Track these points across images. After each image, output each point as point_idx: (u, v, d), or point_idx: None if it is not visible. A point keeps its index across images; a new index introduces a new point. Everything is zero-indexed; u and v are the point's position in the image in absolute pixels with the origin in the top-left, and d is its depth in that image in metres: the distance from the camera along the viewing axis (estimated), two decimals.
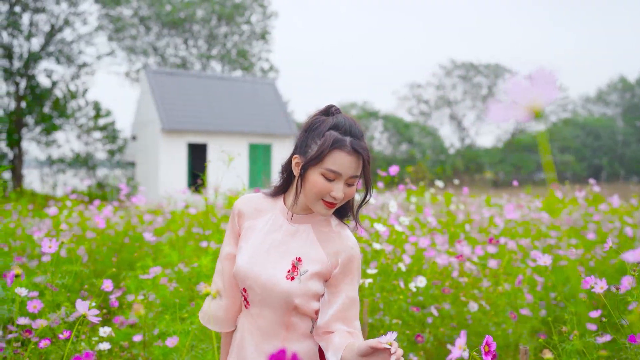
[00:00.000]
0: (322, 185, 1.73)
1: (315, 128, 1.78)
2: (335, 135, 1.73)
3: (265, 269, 1.80)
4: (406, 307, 3.63)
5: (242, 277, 1.83)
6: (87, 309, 1.56)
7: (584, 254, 4.63)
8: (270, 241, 1.85)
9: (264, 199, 1.96)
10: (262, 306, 1.82)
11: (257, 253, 1.83)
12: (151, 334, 3.10)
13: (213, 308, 1.94)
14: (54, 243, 2.52)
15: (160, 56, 36.21)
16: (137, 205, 6.15)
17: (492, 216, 6.08)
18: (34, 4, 25.75)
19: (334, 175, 1.73)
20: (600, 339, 2.55)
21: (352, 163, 1.73)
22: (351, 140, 1.73)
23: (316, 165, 1.74)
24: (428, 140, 48.93)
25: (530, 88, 0.82)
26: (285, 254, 1.82)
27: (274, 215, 1.90)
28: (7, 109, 26.20)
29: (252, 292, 1.82)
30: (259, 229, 1.88)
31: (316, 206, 1.79)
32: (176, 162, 22.84)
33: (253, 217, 1.92)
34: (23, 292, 2.65)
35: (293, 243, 1.84)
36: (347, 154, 1.72)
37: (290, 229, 1.86)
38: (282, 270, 1.79)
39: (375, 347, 1.58)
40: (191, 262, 3.64)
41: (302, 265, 1.80)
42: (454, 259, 3.96)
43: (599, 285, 2.22)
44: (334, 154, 1.72)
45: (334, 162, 1.72)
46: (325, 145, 1.72)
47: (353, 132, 1.75)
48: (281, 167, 1.93)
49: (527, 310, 3.70)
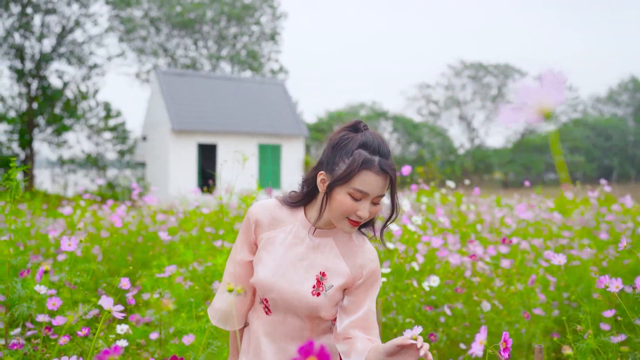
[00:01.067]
0: (349, 204, 1.71)
1: (344, 145, 1.74)
2: (365, 154, 1.70)
3: (290, 284, 1.80)
4: (419, 306, 3.65)
5: (265, 289, 1.82)
6: (111, 304, 1.59)
7: (597, 254, 4.63)
8: (294, 255, 1.83)
9: (281, 208, 1.90)
10: (285, 314, 1.83)
11: (281, 266, 1.82)
12: (167, 332, 3.13)
13: (224, 306, 1.95)
14: (73, 241, 2.56)
15: (170, 57, 36.35)
16: (149, 205, 6.19)
17: (503, 216, 6.08)
18: (46, 6, 25.92)
19: (361, 195, 1.70)
20: (615, 338, 2.56)
21: (379, 183, 1.71)
22: (380, 160, 1.70)
23: (344, 184, 1.71)
24: (437, 140, 48.85)
25: (540, 90, 0.84)
26: (309, 268, 1.82)
27: (295, 228, 1.87)
28: (19, 109, 26.39)
29: (275, 302, 1.83)
30: (280, 241, 1.86)
31: (341, 224, 1.77)
32: (186, 163, 22.92)
33: (271, 228, 1.88)
34: (42, 290, 2.68)
35: (316, 257, 1.84)
36: (376, 174, 1.70)
37: (313, 243, 1.85)
38: (308, 286, 1.80)
39: (402, 344, 1.60)
40: (205, 261, 3.67)
41: (326, 280, 1.81)
42: (467, 259, 3.97)
43: (614, 285, 2.23)
44: (362, 174, 1.69)
45: (362, 183, 1.69)
46: (354, 165, 1.69)
47: (381, 151, 1.72)
48: (303, 179, 1.89)
49: (540, 310, 3.71)
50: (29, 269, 3.49)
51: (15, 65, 26.08)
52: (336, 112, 46.26)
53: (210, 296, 3.41)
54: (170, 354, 2.81)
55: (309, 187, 1.86)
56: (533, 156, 48.88)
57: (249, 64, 36.89)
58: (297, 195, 1.89)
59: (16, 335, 3.00)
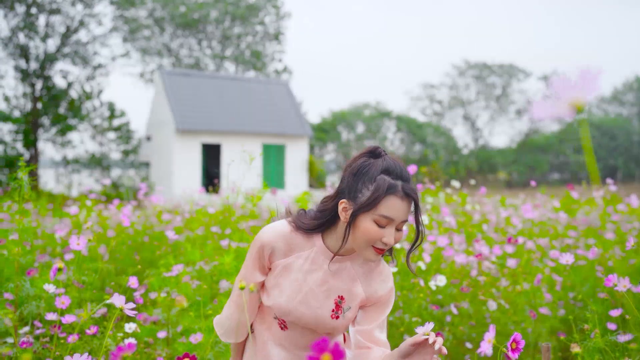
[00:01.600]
0: (374, 232, 1.69)
1: (365, 172, 1.71)
2: (388, 180, 1.68)
3: (310, 309, 1.81)
4: (425, 306, 3.66)
5: (283, 313, 1.82)
6: (123, 302, 1.60)
7: (603, 254, 4.63)
8: (312, 281, 1.82)
9: (295, 235, 1.85)
10: (303, 330, 1.86)
11: (299, 292, 1.81)
12: (175, 331, 3.15)
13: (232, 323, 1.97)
14: (81, 240, 2.57)
15: (174, 57, 36.42)
16: (155, 205, 6.21)
17: (508, 217, 6.08)
18: (50, 6, 26.00)
19: (387, 222, 1.68)
20: (622, 337, 2.56)
21: (404, 207, 1.70)
22: (403, 185, 1.69)
23: (369, 211, 1.69)
24: (441, 140, 48.83)
25: (574, 84, 0.86)
26: (328, 293, 1.82)
27: (312, 254, 1.84)
28: (24, 109, 26.47)
29: (293, 323, 1.85)
30: (298, 267, 1.84)
31: (366, 252, 1.74)
32: (190, 162, 22.97)
33: (287, 255, 1.85)
34: (51, 289, 2.70)
35: (335, 281, 1.83)
36: (401, 199, 1.68)
37: (332, 268, 1.83)
38: (327, 310, 1.81)
39: (416, 342, 1.62)
40: (212, 260, 3.69)
41: (345, 303, 1.83)
42: (473, 258, 3.98)
43: (622, 284, 2.23)
44: (387, 199, 1.67)
45: (387, 209, 1.67)
46: (379, 191, 1.66)
47: (404, 176, 1.71)
48: (322, 206, 1.84)
49: (546, 310, 3.71)
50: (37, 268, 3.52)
51: (19, 65, 26.16)
52: (340, 112, 46.29)
53: (218, 296, 3.42)
54: (178, 353, 2.82)
55: (328, 215, 1.81)
56: (537, 156, 48.83)
57: (253, 64, 36.95)
58: (315, 223, 1.84)
59: (25, 333, 3.01)
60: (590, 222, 5.99)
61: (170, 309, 3.17)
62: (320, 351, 0.94)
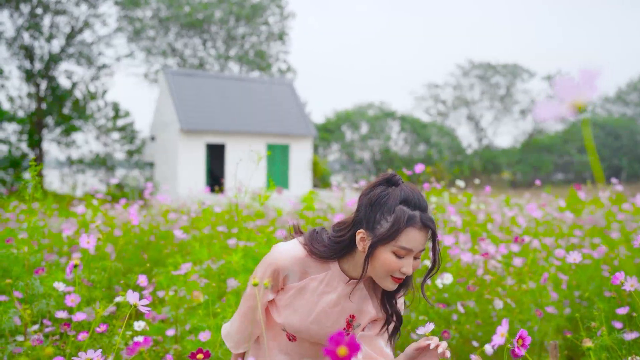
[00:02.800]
0: (394, 263, 1.70)
1: (384, 203, 1.72)
2: (407, 211, 1.69)
3: (322, 328, 1.84)
4: (432, 304, 3.67)
5: (294, 330, 1.85)
6: (137, 299, 1.62)
7: (608, 253, 4.63)
8: (326, 302, 1.84)
9: (310, 260, 1.86)
10: (312, 344, 1.89)
11: (312, 313, 1.83)
12: (183, 329, 3.17)
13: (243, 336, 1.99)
14: (91, 238, 2.60)
15: (178, 57, 36.48)
16: (162, 204, 6.24)
17: (513, 216, 6.09)
18: (55, 6, 26.07)
19: (406, 253, 1.70)
20: (628, 335, 2.58)
21: (422, 238, 1.71)
22: (421, 215, 1.70)
23: (388, 243, 1.70)
24: (445, 140, 48.76)
25: (575, 85, 0.87)
26: (341, 313, 1.85)
27: (327, 277, 1.85)
28: (28, 110, 26.55)
29: (302, 339, 1.88)
30: (312, 289, 1.85)
31: (384, 282, 1.76)
32: (195, 162, 23.02)
33: (301, 278, 1.87)
34: (61, 287, 2.73)
35: (348, 303, 1.85)
36: (419, 230, 1.70)
37: (345, 290, 1.85)
38: (338, 328, 1.84)
39: (420, 347, 1.65)
40: (219, 259, 3.70)
41: (355, 320, 1.86)
42: (478, 257, 3.99)
43: (630, 283, 2.25)
44: (406, 231, 1.68)
45: (407, 240, 1.69)
46: (399, 224, 1.67)
47: (422, 206, 1.72)
48: (337, 235, 1.83)
49: (552, 308, 3.73)
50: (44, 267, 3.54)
51: (24, 65, 26.25)
52: (344, 112, 46.27)
53: (225, 294, 3.44)
54: (187, 351, 2.85)
55: (345, 244, 1.81)
56: (542, 156, 48.72)
57: (257, 64, 36.98)
58: (332, 251, 1.83)
59: (35, 332, 3.04)
60: (595, 221, 5.99)
61: (178, 307, 3.19)
62: (337, 344, 0.96)
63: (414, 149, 48.47)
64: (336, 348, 0.97)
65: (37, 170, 2.97)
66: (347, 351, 0.97)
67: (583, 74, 0.88)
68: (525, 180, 47.51)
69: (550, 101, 0.89)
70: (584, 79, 0.88)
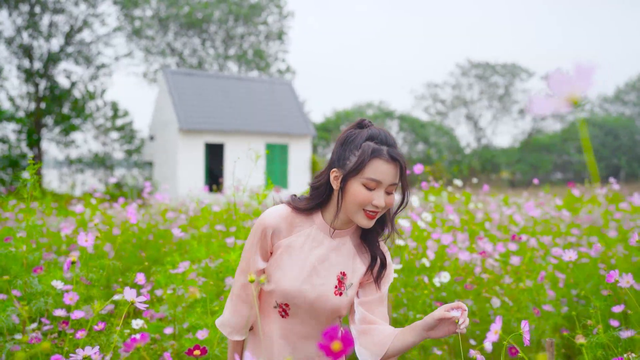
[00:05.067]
0: (363, 195, 1.75)
1: (352, 141, 1.80)
2: (373, 145, 1.76)
3: (314, 287, 1.84)
4: (430, 302, 3.68)
5: (286, 296, 1.84)
6: (135, 296, 1.63)
7: (605, 251, 4.65)
8: (314, 258, 1.86)
9: (296, 214, 1.91)
10: (306, 317, 1.87)
11: (303, 271, 1.84)
12: (181, 327, 3.18)
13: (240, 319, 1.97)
14: (89, 237, 2.60)
15: (178, 56, 36.48)
16: (160, 203, 6.25)
17: (511, 215, 6.11)
18: (54, 5, 26.07)
19: (375, 184, 1.75)
20: (624, 333, 2.59)
21: (391, 170, 1.76)
22: (388, 149, 1.77)
23: (356, 175, 1.76)
24: (444, 140, 48.81)
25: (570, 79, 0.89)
26: (330, 268, 1.86)
27: (312, 231, 1.89)
28: (27, 109, 26.55)
29: (296, 306, 1.86)
30: (299, 245, 1.87)
31: (357, 217, 1.80)
32: (194, 162, 23.01)
33: (288, 234, 1.89)
34: (59, 286, 2.74)
35: (336, 258, 1.88)
36: (386, 162, 1.75)
37: (332, 244, 1.88)
38: (330, 287, 1.85)
39: (442, 317, 1.67)
40: (217, 258, 3.71)
41: (347, 279, 1.87)
42: (476, 256, 4.00)
43: (625, 280, 2.26)
44: (373, 163, 1.75)
45: (374, 171, 1.75)
46: (364, 155, 1.74)
47: (389, 142, 1.79)
48: (314, 182, 1.91)
49: (549, 307, 3.74)
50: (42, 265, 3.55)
51: (23, 64, 26.26)
52: (343, 112, 46.31)
53: (223, 292, 3.45)
54: (184, 349, 2.85)
55: (323, 190, 1.88)
56: (540, 155, 48.78)
57: (256, 64, 37.00)
58: (311, 200, 1.90)
59: (33, 330, 3.04)
60: (592, 220, 6.01)
61: (176, 306, 3.20)
62: (331, 339, 0.97)
63: (412, 149, 48.53)
64: (330, 342, 0.98)
65: (36, 169, 2.97)
66: (341, 346, 0.98)
67: (578, 68, 0.89)
68: (524, 179, 47.55)
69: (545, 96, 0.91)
70: (578, 73, 0.89)
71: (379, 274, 1.90)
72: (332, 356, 0.97)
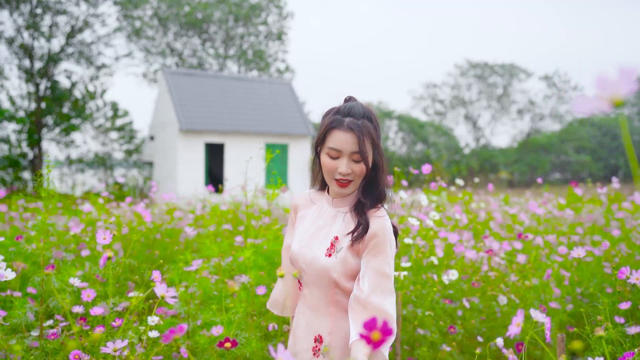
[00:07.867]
0: (329, 164, 1.92)
1: (324, 116, 1.98)
2: (334, 117, 1.91)
3: (311, 249, 1.98)
4: (438, 300, 3.74)
5: (294, 259, 2.02)
6: (165, 290, 1.68)
7: (609, 250, 4.70)
8: (316, 225, 2.04)
9: (316, 193, 2.15)
10: (311, 285, 1.99)
11: (306, 237, 2.02)
12: (195, 324, 3.23)
13: (275, 293, 2.18)
14: (107, 235, 2.65)
15: (177, 57, 36.49)
16: (167, 203, 6.30)
17: (514, 214, 6.16)
18: (55, 6, 26.09)
19: (336, 153, 1.90)
20: (631, 329, 2.64)
21: (349, 139, 1.88)
22: (347, 120, 1.89)
23: (322, 146, 1.95)
24: (443, 140, 48.85)
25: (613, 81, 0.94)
26: (327, 234, 2.00)
27: (321, 204, 2.09)
28: (28, 109, 26.56)
29: (302, 272, 2.00)
30: (309, 217, 2.09)
31: (332, 185, 1.98)
32: (194, 162, 23.03)
33: (306, 208, 2.14)
34: (76, 283, 2.79)
35: (333, 225, 2.01)
36: (344, 132, 1.88)
37: (332, 213, 2.03)
38: (323, 249, 1.96)
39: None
40: (226, 256, 3.76)
41: (338, 243, 1.96)
42: (482, 254, 4.06)
43: (635, 277, 2.31)
44: (332, 133, 1.90)
45: (333, 141, 1.90)
46: (324, 126, 1.93)
47: (352, 113, 1.91)
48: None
49: (555, 304, 3.79)
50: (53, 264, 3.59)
51: (24, 64, 26.27)
52: None
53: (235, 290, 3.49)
54: (200, 345, 2.90)
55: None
56: (539, 156, 48.84)
57: (256, 64, 37.02)
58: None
59: (49, 326, 3.09)
60: (594, 219, 6.06)
61: (189, 303, 3.25)
62: (370, 329, 1.02)
63: (411, 149, 48.56)
64: (370, 333, 1.03)
65: (50, 171, 3.02)
66: (380, 335, 1.03)
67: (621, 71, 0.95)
68: (523, 179, 47.63)
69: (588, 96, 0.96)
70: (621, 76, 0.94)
71: (357, 238, 1.91)
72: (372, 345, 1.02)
